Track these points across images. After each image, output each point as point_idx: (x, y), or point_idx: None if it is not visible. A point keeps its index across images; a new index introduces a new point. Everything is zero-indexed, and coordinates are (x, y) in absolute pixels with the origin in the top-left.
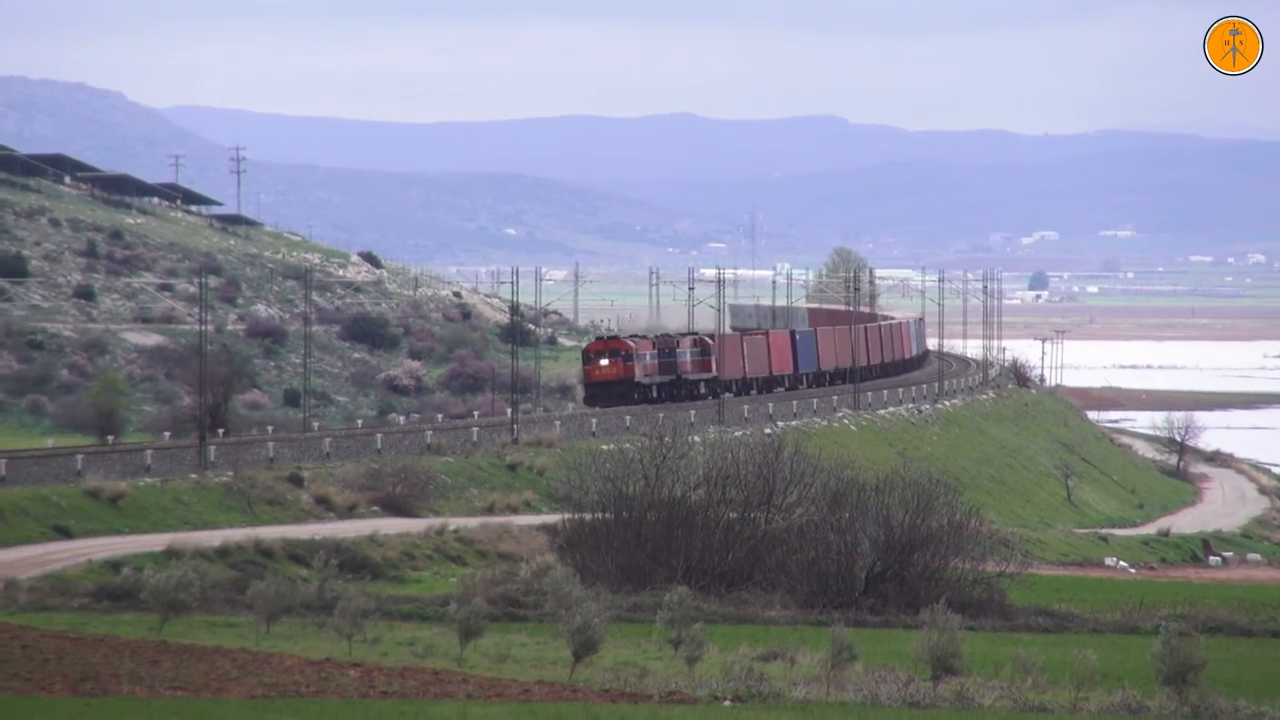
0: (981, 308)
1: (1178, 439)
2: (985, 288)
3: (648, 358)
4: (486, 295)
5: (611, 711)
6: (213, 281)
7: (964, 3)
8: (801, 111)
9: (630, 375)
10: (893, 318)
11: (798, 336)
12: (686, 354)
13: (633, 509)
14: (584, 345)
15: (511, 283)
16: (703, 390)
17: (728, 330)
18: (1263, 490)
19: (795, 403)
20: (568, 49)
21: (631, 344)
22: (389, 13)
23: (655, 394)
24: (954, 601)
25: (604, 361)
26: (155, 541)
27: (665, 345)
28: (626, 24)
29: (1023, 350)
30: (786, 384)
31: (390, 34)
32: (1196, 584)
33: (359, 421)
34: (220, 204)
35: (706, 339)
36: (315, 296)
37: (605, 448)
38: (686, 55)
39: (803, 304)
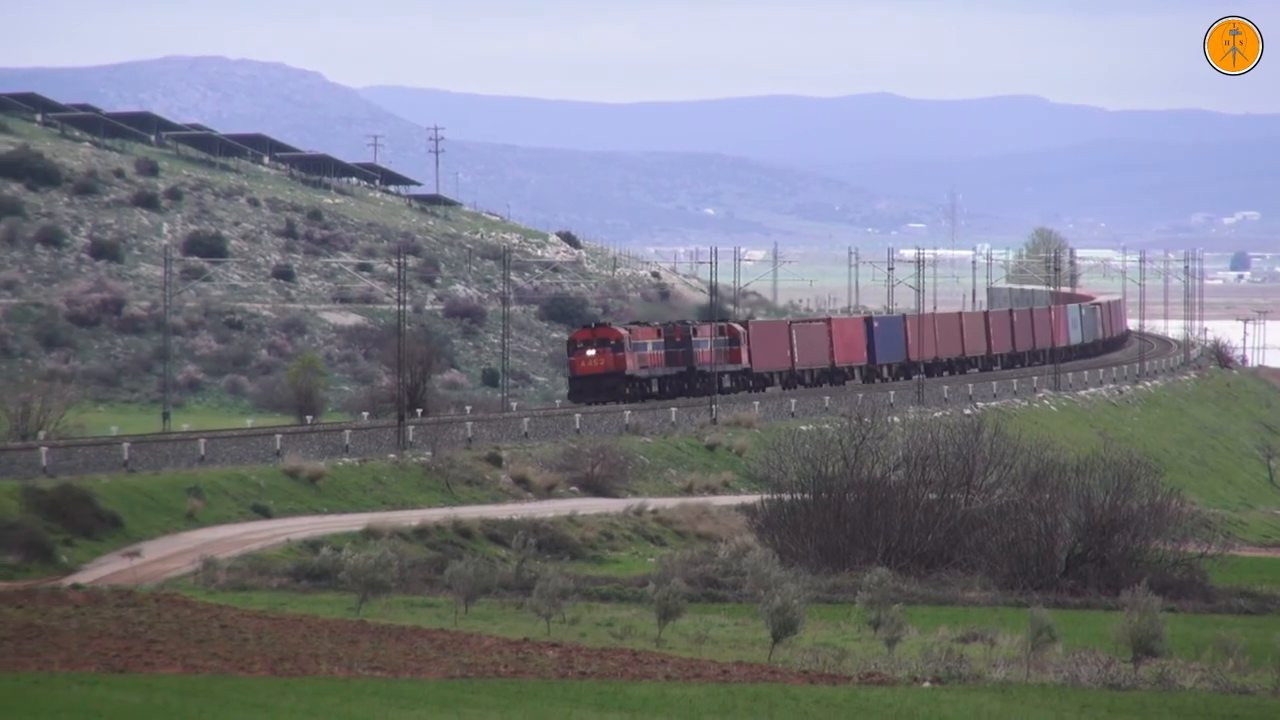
0: (1183, 288)
1: None
2: (1186, 268)
3: (648, 347)
4: (685, 275)
5: (810, 692)
6: (411, 261)
7: None
8: (1001, 91)
9: (620, 368)
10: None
11: (876, 324)
12: (706, 343)
13: (832, 490)
14: (571, 334)
15: (710, 263)
16: (727, 384)
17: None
18: None
19: (995, 384)
20: (768, 29)
21: (624, 332)
22: None
23: (657, 388)
24: (1155, 583)
25: (590, 352)
26: (354, 521)
27: (676, 334)
28: (827, 4)
29: (1224, 331)
30: (861, 376)
31: (590, 15)
32: None
33: (557, 401)
34: (419, 184)
35: (736, 326)
36: (514, 276)
37: (804, 428)
38: (886, 35)
39: (1042, 287)
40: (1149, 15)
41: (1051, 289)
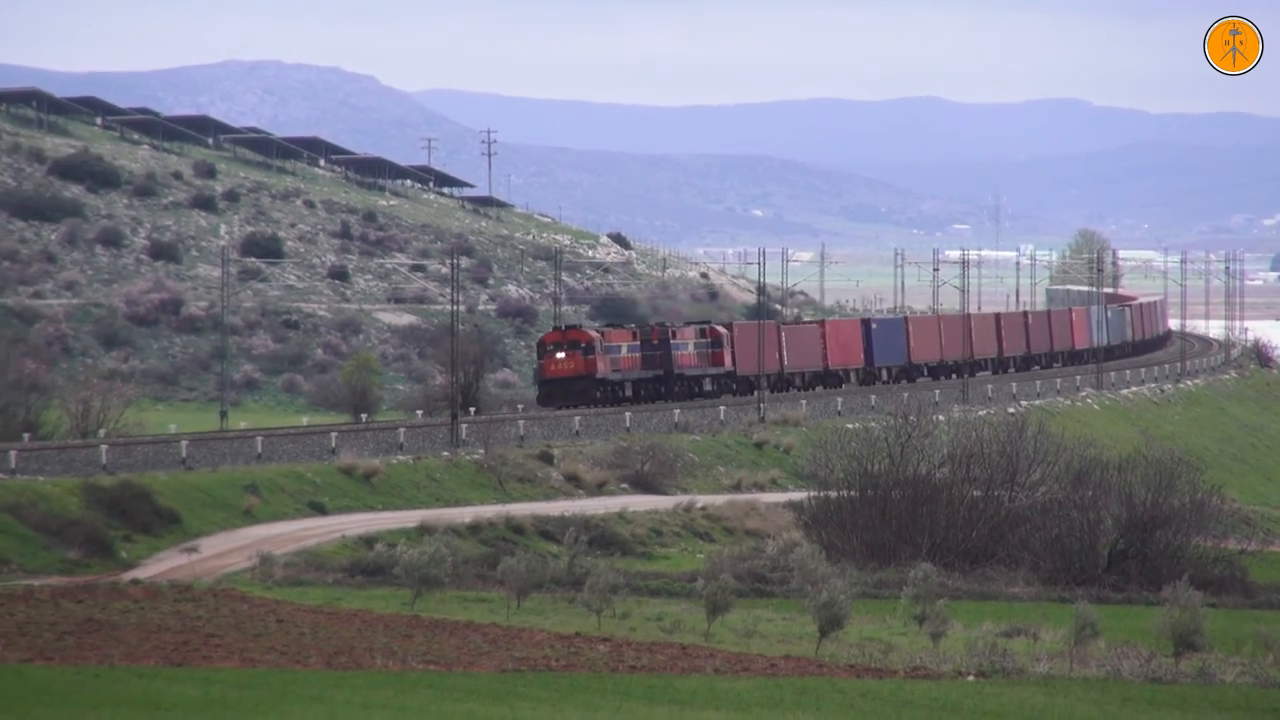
0: (1223, 288)
1: None
2: (1227, 269)
3: (622, 350)
4: (733, 276)
5: (856, 686)
6: (464, 262)
7: None
8: (1045, 94)
9: (590, 371)
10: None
11: (874, 326)
12: (687, 346)
13: (878, 487)
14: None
15: (758, 263)
16: (708, 387)
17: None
18: None
19: (1039, 382)
20: (816, 33)
21: (595, 334)
22: None
23: (630, 392)
24: (1196, 579)
25: (560, 355)
26: (408, 518)
27: (652, 336)
28: (874, 7)
29: (1264, 330)
30: (857, 379)
31: (641, 18)
32: None
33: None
34: (472, 186)
35: (718, 328)
36: (565, 277)
37: (850, 426)
38: (933, 39)
39: (1088, 288)
40: (1189, 18)
41: (1096, 290)
